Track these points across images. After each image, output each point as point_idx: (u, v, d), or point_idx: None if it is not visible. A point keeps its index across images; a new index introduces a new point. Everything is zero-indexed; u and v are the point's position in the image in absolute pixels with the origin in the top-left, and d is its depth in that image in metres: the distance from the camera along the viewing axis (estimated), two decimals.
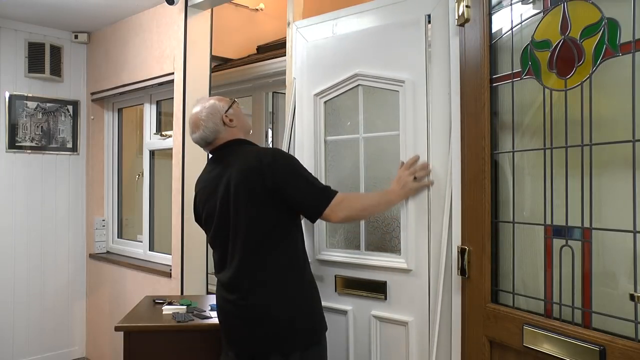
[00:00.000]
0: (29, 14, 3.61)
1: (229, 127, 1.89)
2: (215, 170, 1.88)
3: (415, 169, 1.85)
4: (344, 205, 1.75)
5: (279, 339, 1.75)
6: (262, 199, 1.73)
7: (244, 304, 1.78)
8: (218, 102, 1.90)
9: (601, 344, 1.27)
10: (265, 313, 1.75)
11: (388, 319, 1.96)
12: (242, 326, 1.80)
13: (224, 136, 1.89)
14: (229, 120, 1.88)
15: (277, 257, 1.77)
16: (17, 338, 3.81)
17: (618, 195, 1.31)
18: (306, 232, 2.21)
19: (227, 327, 1.87)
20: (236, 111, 1.92)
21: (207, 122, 1.86)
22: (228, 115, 1.88)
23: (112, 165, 4.17)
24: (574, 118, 1.36)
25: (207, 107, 1.89)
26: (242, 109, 1.98)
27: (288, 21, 2.45)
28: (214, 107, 1.88)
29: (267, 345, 1.76)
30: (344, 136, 2.14)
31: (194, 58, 3.14)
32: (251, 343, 1.79)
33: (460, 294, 1.70)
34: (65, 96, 4.04)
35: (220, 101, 1.92)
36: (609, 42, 1.28)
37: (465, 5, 1.64)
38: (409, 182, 1.84)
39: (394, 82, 1.94)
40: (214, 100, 1.92)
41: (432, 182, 1.85)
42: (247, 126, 1.98)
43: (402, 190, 1.84)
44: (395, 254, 1.96)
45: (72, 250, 4.10)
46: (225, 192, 1.79)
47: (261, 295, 1.76)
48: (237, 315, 1.81)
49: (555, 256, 1.43)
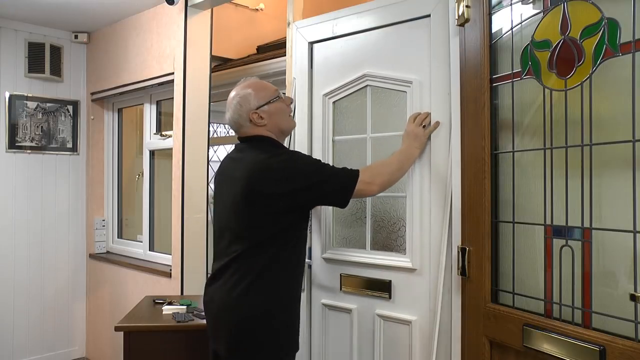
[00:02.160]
0: (29, 14, 3.61)
1: (254, 124, 1.77)
2: (234, 161, 1.82)
3: (422, 119, 1.86)
4: (373, 174, 1.74)
5: (240, 347, 1.67)
6: (260, 206, 1.66)
7: (218, 301, 1.72)
8: (254, 95, 1.76)
9: (601, 344, 1.27)
10: (233, 316, 1.68)
11: (392, 318, 1.97)
12: (210, 322, 1.78)
13: (248, 130, 1.79)
14: (258, 117, 1.76)
15: (264, 264, 1.67)
16: (17, 338, 3.81)
17: (618, 195, 1.31)
18: (313, 232, 2.23)
19: (206, 319, 1.84)
20: (275, 108, 1.78)
21: (234, 112, 1.78)
22: (259, 112, 1.76)
23: (112, 165, 4.17)
24: (574, 118, 1.36)
25: (241, 95, 1.77)
26: (288, 105, 1.86)
27: (288, 21, 2.45)
28: (246, 99, 1.76)
29: (227, 349, 1.69)
30: (351, 136, 2.14)
31: (194, 58, 3.13)
32: (215, 342, 1.77)
33: (460, 294, 1.70)
34: (65, 96, 4.04)
35: (259, 92, 1.77)
36: (609, 42, 1.28)
37: (465, 5, 1.64)
38: (420, 132, 1.83)
39: (402, 82, 1.95)
40: (252, 90, 1.77)
41: (437, 123, 1.84)
42: (281, 126, 1.82)
43: (416, 141, 1.83)
44: (401, 254, 1.96)
45: (72, 250, 4.09)
46: (231, 187, 1.73)
47: (236, 297, 1.67)
48: (209, 310, 1.78)
49: (555, 256, 1.43)
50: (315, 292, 2.23)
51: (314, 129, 2.24)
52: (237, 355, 1.69)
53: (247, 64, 3.47)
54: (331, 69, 2.20)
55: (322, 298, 2.19)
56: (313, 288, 2.24)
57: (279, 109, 1.80)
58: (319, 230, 2.21)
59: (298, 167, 1.70)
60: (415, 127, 1.84)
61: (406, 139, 1.85)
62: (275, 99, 1.79)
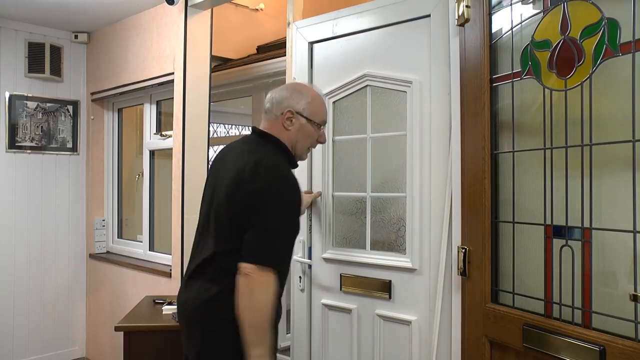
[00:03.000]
0: (29, 14, 3.61)
1: (280, 122, 1.67)
2: (236, 150, 1.71)
3: None
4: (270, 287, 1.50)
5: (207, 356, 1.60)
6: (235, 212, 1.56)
7: (190, 304, 1.64)
8: (307, 102, 1.68)
9: (601, 344, 1.27)
10: (201, 324, 1.60)
11: (392, 318, 1.97)
12: (182, 325, 1.71)
13: (270, 123, 1.70)
14: (290, 119, 1.67)
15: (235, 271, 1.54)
16: (17, 338, 3.81)
17: (618, 195, 1.31)
18: (313, 232, 2.23)
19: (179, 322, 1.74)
20: (307, 129, 1.69)
21: (281, 94, 1.69)
22: (295, 116, 1.67)
23: (112, 165, 4.17)
24: (574, 118, 1.36)
25: (298, 90, 1.71)
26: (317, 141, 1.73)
27: (288, 21, 2.45)
28: (298, 96, 1.68)
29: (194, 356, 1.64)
30: (351, 136, 2.14)
31: (194, 58, 3.13)
32: (186, 346, 1.70)
33: (460, 294, 1.70)
34: (65, 96, 4.04)
35: (312, 105, 1.69)
36: (609, 42, 1.28)
37: (465, 5, 1.64)
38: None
39: (402, 82, 1.95)
40: (311, 98, 1.69)
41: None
42: (297, 145, 1.70)
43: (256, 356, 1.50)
44: (401, 253, 1.97)
45: (72, 250, 4.09)
46: (220, 181, 1.65)
47: (205, 303, 1.59)
48: (180, 312, 1.70)
49: (555, 256, 1.43)
50: (315, 292, 2.24)
51: None
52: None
53: (247, 64, 3.47)
54: (331, 69, 2.20)
55: (322, 298, 2.19)
56: (313, 288, 2.24)
57: (309, 132, 1.71)
58: (319, 230, 2.22)
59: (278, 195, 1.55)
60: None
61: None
62: (315, 123, 1.71)
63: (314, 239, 2.24)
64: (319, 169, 2.22)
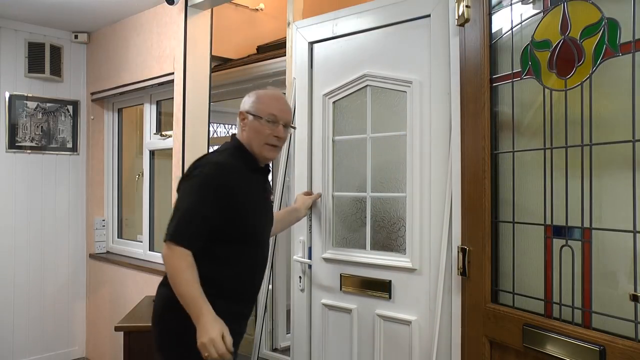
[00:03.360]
0: (29, 14, 3.61)
1: (240, 128, 1.80)
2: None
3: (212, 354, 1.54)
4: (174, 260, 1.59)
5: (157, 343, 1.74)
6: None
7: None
8: (254, 99, 1.78)
9: (601, 344, 1.27)
10: (155, 312, 1.77)
11: (392, 318, 1.97)
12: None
13: (237, 130, 1.83)
14: (242, 119, 1.79)
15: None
16: (17, 338, 3.81)
17: (618, 195, 1.31)
18: (313, 232, 2.23)
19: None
20: (256, 125, 1.76)
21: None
22: (246, 115, 1.78)
23: (112, 165, 4.17)
24: (574, 118, 1.36)
25: (250, 93, 1.82)
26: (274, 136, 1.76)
27: (288, 21, 2.45)
28: (248, 98, 1.80)
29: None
30: (351, 136, 2.14)
31: (194, 58, 3.13)
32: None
33: (460, 294, 1.70)
34: (65, 96, 4.04)
35: (259, 102, 1.77)
36: (609, 42, 1.28)
37: (465, 5, 1.64)
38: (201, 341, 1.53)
39: (401, 82, 1.95)
40: (257, 95, 1.79)
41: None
42: (252, 144, 1.77)
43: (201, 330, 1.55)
44: (401, 254, 1.97)
45: (72, 250, 4.09)
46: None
47: (160, 293, 1.75)
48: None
49: (555, 256, 1.43)
50: (315, 292, 2.24)
51: (314, 129, 2.24)
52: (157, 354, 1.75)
53: (247, 64, 3.47)
54: (331, 69, 2.20)
55: (322, 298, 2.19)
56: (313, 288, 2.24)
57: (257, 128, 1.75)
58: (319, 230, 2.21)
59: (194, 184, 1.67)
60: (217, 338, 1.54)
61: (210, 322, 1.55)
62: (261, 118, 1.75)
63: (314, 239, 2.24)
64: (319, 169, 2.22)
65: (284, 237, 3.57)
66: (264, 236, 1.85)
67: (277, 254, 3.54)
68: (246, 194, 1.73)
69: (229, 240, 1.69)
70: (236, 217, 1.69)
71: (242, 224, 1.72)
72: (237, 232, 1.71)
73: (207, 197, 1.65)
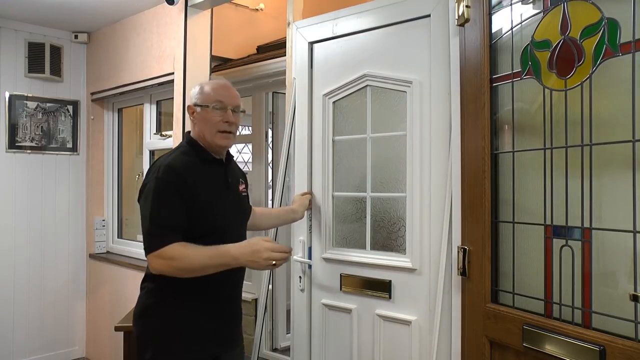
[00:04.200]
0: (29, 14, 3.61)
1: (192, 123, 1.80)
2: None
3: (280, 257, 1.63)
4: (169, 262, 1.59)
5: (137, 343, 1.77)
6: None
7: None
8: (199, 90, 1.77)
9: (601, 344, 1.27)
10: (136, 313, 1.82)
11: (392, 318, 1.97)
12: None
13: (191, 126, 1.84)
14: (191, 112, 1.79)
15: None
16: (17, 338, 3.81)
17: (618, 195, 1.31)
18: (313, 232, 2.23)
19: None
20: (204, 114, 1.74)
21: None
22: (193, 108, 1.78)
23: (112, 165, 4.17)
24: (574, 118, 1.36)
25: (194, 88, 1.80)
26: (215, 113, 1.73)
27: (288, 21, 2.45)
28: (194, 90, 1.79)
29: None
30: (351, 136, 2.14)
31: (194, 58, 3.13)
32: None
33: (460, 294, 1.70)
34: (65, 96, 4.04)
35: (202, 92, 1.76)
36: (609, 42, 1.28)
37: (465, 5, 1.64)
38: (262, 259, 1.60)
39: (401, 82, 1.95)
40: (200, 86, 1.78)
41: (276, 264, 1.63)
42: (204, 134, 1.75)
43: (252, 256, 1.61)
44: (401, 254, 1.97)
45: (72, 250, 4.09)
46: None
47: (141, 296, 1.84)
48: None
49: (555, 256, 1.43)
50: (315, 292, 2.24)
51: (314, 129, 2.25)
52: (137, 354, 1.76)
53: (247, 64, 3.47)
54: (331, 69, 2.20)
55: (322, 298, 2.19)
56: (313, 288, 2.24)
57: (206, 117, 1.73)
58: (319, 230, 2.21)
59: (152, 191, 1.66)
60: (267, 252, 1.61)
61: (249, 247, 1.62)
62: (208, 107, 1.73)
63: (314, 239, 2.24)
64: (319, 169, 2.22)
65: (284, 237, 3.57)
66: (233, 227, 1.80)
67: None
68: (205, 187, 1.70)
69: (195, 237, 1.64)
70: (197, 212, 1.66)
71: (204, 217, 1.68)
72: (201, 226, 1.68)
73: (165, 199, 1.64)
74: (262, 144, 3.57)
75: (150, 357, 1.69)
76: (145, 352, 1.71)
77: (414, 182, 1.91)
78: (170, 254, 1.59)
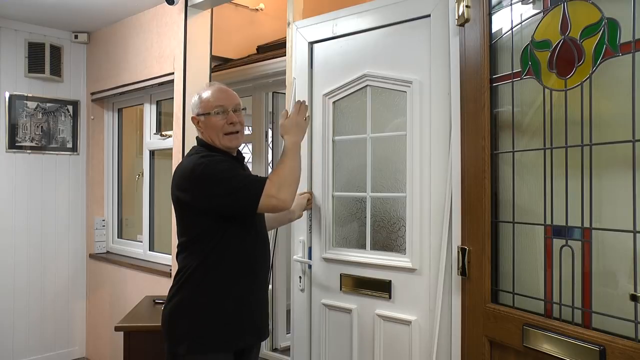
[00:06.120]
0: (29, 14, 3.61)
1: (197, 128, 1.87)
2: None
3: (304, 110, 1.87)
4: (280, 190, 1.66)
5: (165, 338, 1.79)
6: (183, 208, 1.79)
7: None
8: (198, 100, 1.84)
9: (601, 344, 1.27)
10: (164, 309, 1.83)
11: (392, 318, 1.97)
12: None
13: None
14: (197, 123, 1.85)
15: (193, 265, 1.75)
16: (17, 338, 3.81)
17: (618, 195, 1.31)
18: (313, 232, 2.23)
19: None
20: (208, 122, 1.81)
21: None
22: (198, 118, 1.84)
23: (112, 165, 4.17)
24: (574, 118, 1.36)
25: (193, 98, 1.87)
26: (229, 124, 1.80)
27: (288, 21, 2.45)
28: (194, 103, 1.86)
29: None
30: (351, 136, 2.14)
31: (194, 58, 3.13)
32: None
33: (460, 294, 1.70)
34: (65, 96, 4.04)
35: (202, 101, 1.82)
36: (609, 42, 1.28)
37: (465, 5, 1.64)
38: (302, 122, 1.85)
39: (402, 82, 1.95)
40: (198, 96, 1.85)
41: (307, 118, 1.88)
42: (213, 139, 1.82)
43: (300, 132, 1.84)
44: (401, 254, 1.97)
45: (72, 250, 4.09)
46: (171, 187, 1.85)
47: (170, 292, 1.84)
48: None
49: (555, 256, 1.43)
50: (315, 292, 2.24)
51: (314, 129, 2.25)
52: (165, 346, 1.79)
53: (247, 64, 3.47)
54: (331, 69, 2.20)
55: (322, 298, 2.19)
56: (313, 288, 2.24)
57: (211, 124, 1.80)
58: (319, 230, 2.21)
59: (207, 175, 1.70)
60: (298, 118, 1.85)
61: (291, 131, 1.82)
62: (210, 114, 1.80)
63: (314, 239, 2.24)
64: (319, 169, 2.22)
65: (284, 237, 3.57)
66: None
67: (277, 254, 3.55)
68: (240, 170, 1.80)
69: (229, 215, 1.73)
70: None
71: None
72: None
73: (223, 167, 1.70)
74: (262, 143, 3.57)
75: (184, 352, 1.71)
76: (178, 346, 1.73)
77: (414, 182, 1.91)
78: (273, 187, 1.65)
